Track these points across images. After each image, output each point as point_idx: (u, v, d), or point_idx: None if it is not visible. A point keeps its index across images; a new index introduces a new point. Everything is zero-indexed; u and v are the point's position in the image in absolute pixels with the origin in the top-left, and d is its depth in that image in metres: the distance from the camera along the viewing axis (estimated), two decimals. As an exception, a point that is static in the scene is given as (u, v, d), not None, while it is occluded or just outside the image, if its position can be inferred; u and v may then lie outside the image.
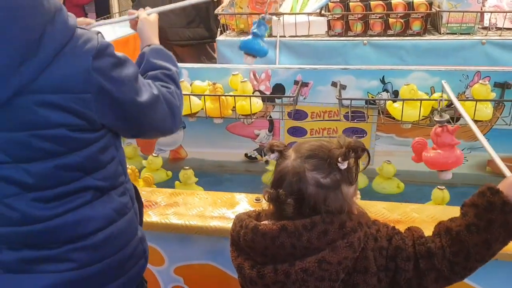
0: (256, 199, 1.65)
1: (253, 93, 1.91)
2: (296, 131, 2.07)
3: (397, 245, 1.02)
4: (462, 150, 1.92)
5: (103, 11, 3.99)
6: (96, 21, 1.48)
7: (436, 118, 1.52)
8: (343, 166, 0.99)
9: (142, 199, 1.40)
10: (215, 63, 3.03)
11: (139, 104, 1.07)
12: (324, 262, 0.97)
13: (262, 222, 1.04)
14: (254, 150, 2.15)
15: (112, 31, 2.91)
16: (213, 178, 2.11)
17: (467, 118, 1.38)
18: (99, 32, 1.04)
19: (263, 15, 1.80)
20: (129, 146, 2.20)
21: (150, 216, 1.57)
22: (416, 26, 2.28)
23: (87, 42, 0.98)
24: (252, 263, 1.04)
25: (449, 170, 1.52)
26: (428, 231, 1.08)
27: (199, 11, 2.97)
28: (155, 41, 1.37)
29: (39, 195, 1.01)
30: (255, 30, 1.75)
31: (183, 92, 1.89)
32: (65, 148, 1.01)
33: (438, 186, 1.71)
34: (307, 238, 0.97)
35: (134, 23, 1.46)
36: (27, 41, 0.91)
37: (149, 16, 1.43)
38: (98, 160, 1.07)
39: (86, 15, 3.54)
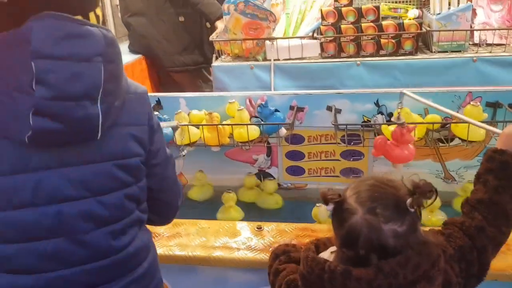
0: (257, 227, 1.67)
1: (250, 119, 1.94)
2: (294, 155, 2.09)
3: (459, 245, 1.08)
4: (459, 169, 1.96)
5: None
6: None
7: (395, 120, 1.71)
8: (413, 209, 0.98)
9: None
10: (211, 85, 3.07)
11: (165, 145, 1.26)
12: None
13: (351, 268, 0.98)
14: (254, 174, 2.17)
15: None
16: (213, 204, 2.13)
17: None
18: None
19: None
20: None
21: (154, 249, 1.59)
22: (407, 45, 2.31)
23: (137, 86, 1.18)
24: None
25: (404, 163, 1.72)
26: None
27: (193, 38, 3.01)
28: None
29: (113, 229, 1.09)
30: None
31: (182, 123, 1.95)
32: (134, 178, 1.12)
33: (317, 204, 1.84)
34: (403, 275, 0.96)
35: None
36: (121, 79, 1.08)
37: None
38: (145, 191, 1.18)
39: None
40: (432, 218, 1.79)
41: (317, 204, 1.86)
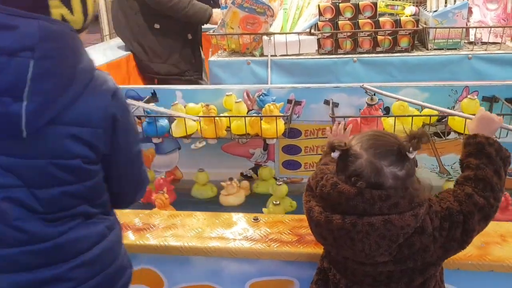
0: (254, 219, 1.66)
1: (247, 112, 1.93)
2: (290, 149, 2.09)
3: (447, 206, 1.16)
4: (454, 163, 1.97)
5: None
6: None
7: (368, 101, 1.85)
8: (413, 155, 1.10)
9: (140, 223, 1.62)
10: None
11: (138, 140, 1.19)
12: (389, 223, 1.07)
13: (341, 180, 1.13)
14: (250, 169, 2.16)
15: (103, 54, 2.94)
16: (210, 198, 2.12)
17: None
18: (108, 74, 1.13)
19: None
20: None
21: (149, 239, 1.58)
22: (404, 42, 2.32)
23: (105, 82, 1.09)
24: (322, 210, 1.15)
25: None
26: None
27: (168, 47, 2.87)
28: None
29: (45, 217, 1.06)
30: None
31: (178, 114, 1.94)
32: (76, 178, 1.07)
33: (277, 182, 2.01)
34: (379, 207, 1.07)
35: None
36: (68, 77, 1.00)
37: None
38: (98, 190, 1.14)
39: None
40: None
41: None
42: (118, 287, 1.21)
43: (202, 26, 3.05)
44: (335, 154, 1.13)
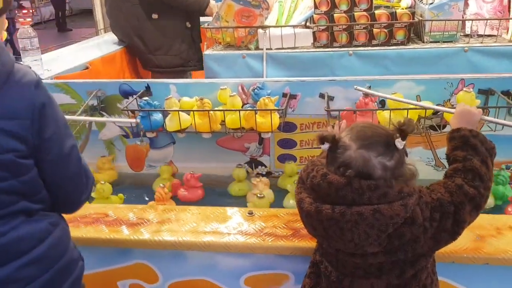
0: (249, 213, 1.66)
1: (242, 106, 1.92)
2: (286, 143, 2.08)
3: (438, 197, 1.16)
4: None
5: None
6: None
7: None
8: (401, 145, 1.11)
9: (134, 217, 1.60)
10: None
11: (70, 134, 1.19)
12: (378, 213, 1.09)
13: (331, 172, 1.14)
14: (245, 163, 2.15)
15: (98, 48, 2.92)
16: (205, 192, 2.11)
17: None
18: (30, 67, 1.16)
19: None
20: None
21: (143, 234, 1.57)
22: (399, 35, 2.31)
23: (26, 74, 1.10)
24: (312, 201, 1.17)
25: None
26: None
27: (168, 38, 2.83)
28: None
29: None
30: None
31: (172, 108, 1.92)
32: (9, 174, 1.06)
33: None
34: (368, 197, 1.09)
35: None
36: None
37: None
38: (35, 184, 1.13)
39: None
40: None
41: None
42: (71, 280, 1.21)
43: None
44: (324, 146, 1.15)
